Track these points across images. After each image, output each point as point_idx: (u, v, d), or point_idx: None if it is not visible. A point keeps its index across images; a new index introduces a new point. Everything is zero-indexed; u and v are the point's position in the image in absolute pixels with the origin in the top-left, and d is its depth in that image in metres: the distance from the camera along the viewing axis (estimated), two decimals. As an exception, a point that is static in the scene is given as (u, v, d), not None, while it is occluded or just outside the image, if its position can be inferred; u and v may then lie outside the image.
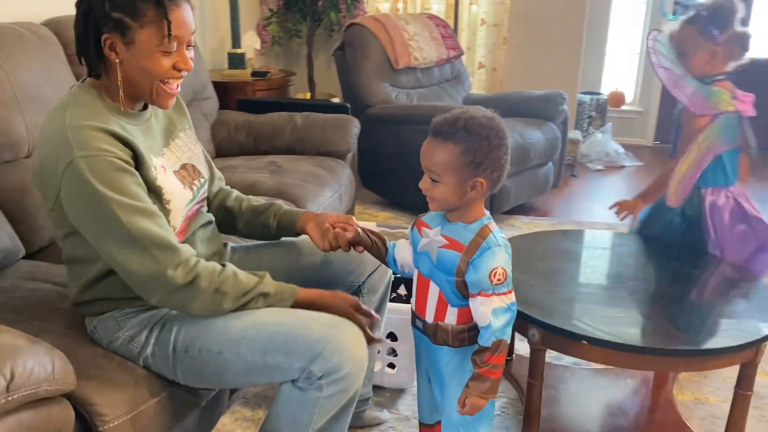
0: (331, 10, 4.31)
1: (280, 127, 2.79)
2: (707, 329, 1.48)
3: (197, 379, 1.33)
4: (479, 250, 1.23)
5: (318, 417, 1.27)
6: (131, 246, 1.19)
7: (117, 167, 1.18)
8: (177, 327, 1.31)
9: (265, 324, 1.28)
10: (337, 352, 1.23)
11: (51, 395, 1.05)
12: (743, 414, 1.55)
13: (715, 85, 1.83)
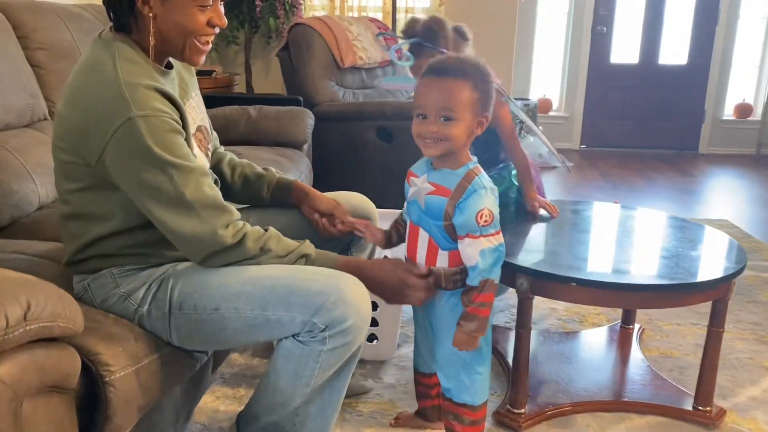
0: (269, 16, 4.32)
1: (233, 120, 2.75)
2: (683, 269, 1.57)
3: (192, 339, 1.28)
4: (465, 194, 1.26)
5: (320, 372, 1.25)
6: (182, 207, 1.16)
7: (171, 128, 1.16)
8: (173, 283, 1.26)
9: (263, 278, 1.25)
10: (341, 303, 1.20)
11: (63, 333, 0.99)
12: (716, 350, 1.65)
13: None
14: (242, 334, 1.27)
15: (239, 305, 1.24)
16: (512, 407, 1.66)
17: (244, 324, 1.25)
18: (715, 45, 5.33)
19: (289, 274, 1.28)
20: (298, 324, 1.22)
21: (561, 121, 5.53)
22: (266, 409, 1.34)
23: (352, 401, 1.74)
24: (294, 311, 1.22)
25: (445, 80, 1.24)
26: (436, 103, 1.24)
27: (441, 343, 1.39)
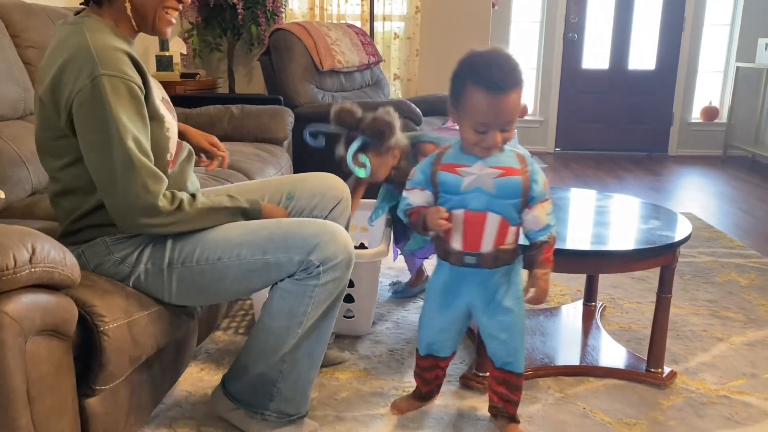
0: (251, 23, 4.45)
1: (217, 117, 2.88)
2: (631, 239, 1.71)
3: (192, 290, 1.40)
4: (529, 167, 1.36)
5: (312, 308, 1.39)
6: (129, 171, 1.25)
7: (133, 94, 1.26)
8: (172, 242, 1.38)
9: (261, 228, 1.40)
10: (332, 242, 1.37)
11: (62, 281, 1.10)
12: (665, 315, 1.78)
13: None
14: (242, 280, 1.40)
15: (241, 252, 1.37)
16: (478, 371, 1.78)
17: (244, 270, 1.38)
18: (682, 50, 5.54)
19: (285, 223, 1.44)
20: (295, 263, 1.37)
21: (536, 125, 5.70)
22: (256, 356, 1.46)
23: (330, 370, 1.85)
24: (291, 252, 1.37)
25: (510, 95, 1.25)
26: (505, 118, 1.28)
27: (504, 321, 1.45)
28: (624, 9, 5.54)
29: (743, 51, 5.44)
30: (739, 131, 5.58)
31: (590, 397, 1.75)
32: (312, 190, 1.72)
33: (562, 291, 2.48)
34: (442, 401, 1.71)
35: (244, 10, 4.36)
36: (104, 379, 1.24)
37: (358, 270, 1.94)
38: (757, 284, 2.60)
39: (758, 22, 5.41)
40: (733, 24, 5.53)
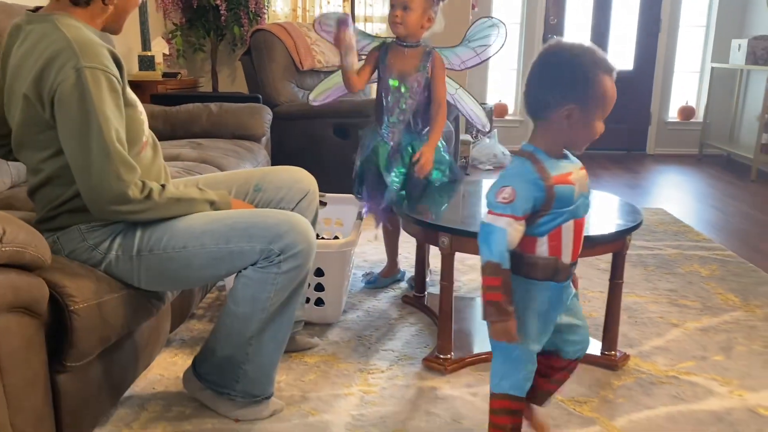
0: (234, 24, 4.53)
1: (196, 115, 2.95)
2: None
3: (160, 277, 1.47)
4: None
5: (275, 294, 1.46)
6: (105, 160, 1.31)
7: (113, 86, 1.33)
8: (141, 231, 1.45)
9: (225, 217, 1.48)
10: (292, 231, 1.45)
11: (33, 261, 1.18)
12: (618, 300, 1.88)
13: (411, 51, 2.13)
14: (207, 268, 1.47)
15: (205, 242, 1.45)
16: (439, 353, 1.87)
17: (209, 258, 1.45)
18: (659, 51, 5.66)
19: (247, 213, 1.52)
20: (257, 252, 1.44)
21: (516, 124, 5.81)
22: (223, 340, 1.54)
23: (299, 355, 1.93)
24: (254, 241, 1.44)
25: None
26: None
27: (576, 305, 1.37)
28: (602, 11, 5.65)
29: (718, 52, 5.57)
30: (715, 130, 5.70)
31: (546, 378, 1.83)
32: (279, 182, 1.79)
33: (529, 281, 2.57)
34: (403, 381, 1.80)
35: (227, 11, 4.44)
36: (75, 357, 1.31)
37: (327, 259, 2.03)
38: (718, 275, 2.69)
39: (732, 23, 5.53)
40: (708, 25, 5.66)
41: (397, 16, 2.06)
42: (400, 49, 2.14)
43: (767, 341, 2.09)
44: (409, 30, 2.09)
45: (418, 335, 2.09)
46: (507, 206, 1.18)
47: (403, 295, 2.38)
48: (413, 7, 2.04)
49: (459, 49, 2.29)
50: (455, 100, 2.39)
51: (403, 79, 2.13)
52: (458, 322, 2.12)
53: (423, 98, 2.16)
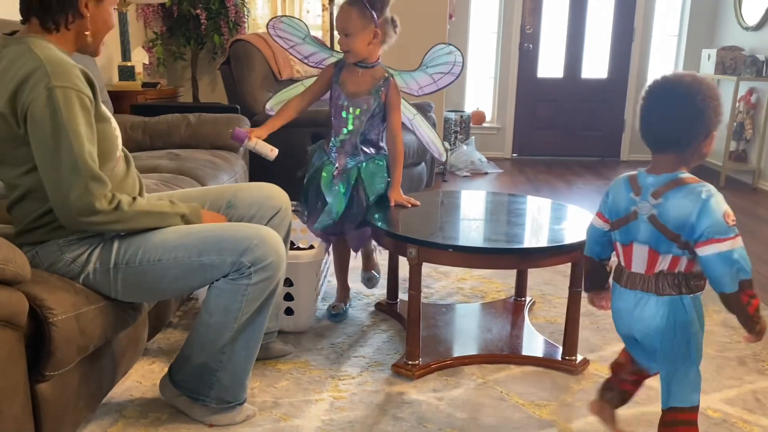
0: (214, 33, 4.59)
1: (175, 125, 3.01)
2: (543, 238, 1.89)
3: (136, 289, 1.54)
4: None
5: (246, 305, 1.54)
6: (75, 174, 1.38)
7: (83, 104, 1.39)
8: (118, 244, 1.52)
9: (197, 231, 1.55)
10: (263, 244, 1.53)
11: (13, 277, 1.24)
12: (577, 308, 1.97)
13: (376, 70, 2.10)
14: (181, 280, 1.54)
15: (178, 255, 1.52)
16: (407, 359, 1.95)
17: (182, 270, 1.52)
18: (632, 60, 5.80)
19: (218, 227, 1.59)
20: (228, 265, 1.52)
21: (494, 131, 5.91)
22: (197, 348, 1.62)
23: (272, 362, 2.00)
24: (225, 255, 1.52)
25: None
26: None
27: None
28: (577, 20, 5.78)
29: (690, 61, 5.71)
30: (687, 137, 5.83)
31: (509, 383, 1.92)
32: (251, 199, 1.86)
33: (498, 288, 2.66)
34: (373, 387, 1.88)
35: (207, 20, 4.50)
36: (53, 366, 1.37)
37: (297, 270, 2.10)
38: (680, 281, 2.80)
39: (702, 34, 5.69)
40: (680, 35, 5.81)
41: (342, 44, 2.05)
42: (355, 68, 2.09)
43: (722, 346, 2.20)
44: (359, 55, 2.04)
45: (389, 341, 2.17)
46: (734, 226, 1.26)
47: (377, 302, 2.46)
48: (352, 32, 2.00)
49: (417, 74, 2.24)
50: (413, 127, 2.36)
51: (354, 99, 2.09)
52: (428, 328, 2.21)
53: (374, 122, 2.12)
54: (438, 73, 2.23)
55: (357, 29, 2.00)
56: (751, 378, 1.98)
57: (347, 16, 1.99)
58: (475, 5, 5.74)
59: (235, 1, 4.56)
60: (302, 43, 2.30)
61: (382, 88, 2.09)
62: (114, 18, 1.52)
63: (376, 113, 2.11)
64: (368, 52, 2.05)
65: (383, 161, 2.17)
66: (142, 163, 2.58)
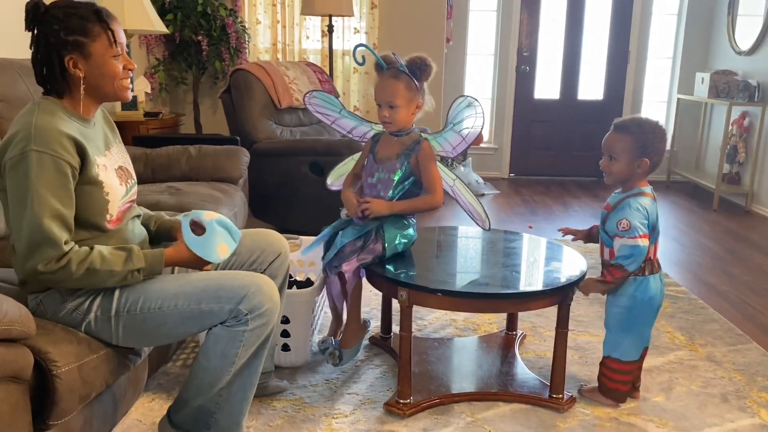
0: (215, 59, 4.67)
1: (175, 158, 3.08)
2: (528, 281, 1.96)
3: (136, 335, 1.61)
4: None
5: (242, 350, 1.61)
6: (29, 233, 1.44)
7: (59, 168, 1.45)
8: (119, 293, 1.59)
9: (197, 280, 1.62)
10: (259, 292, 1.60)
11: (19, 335, 1.31)
12: (563, 348, 2.03)
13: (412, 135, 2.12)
14: (180, 326, 1.61)
15: (178, 302, 1.59)
16: (399, 398, 2.01)
17: (182, 317, 1.60)
18: (627, 82, 5.88)
19: (217, 275, 1.66)
20: (226, 312, 1.59)
21: (491, 152, 5.99)
22: (195, 391, 1.68)
23: (268, 399, 2.07)
24: (222, 302, 1.59)
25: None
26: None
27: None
28: (573, 43, 5.86)
29: (684, 83, 5.79)
30: (682, 159, 5.92)
31: (497, 421, 1.98)
32: (251, 245, 1.93)
33: (490, 320, 2.72)
34: (365, 426, 1.94)
35: (208, 46, 4.59)
36: (57, 415, 1.44)
37: (294, 307, 2.17)
38: (669, 312, 2.86)
39: (696, 57, 5.76)
40: (675, 58, 5.88)
41: (386, 116, 2.04)
42: (391, 138, 2.12)
43: (705, 381, 2.26)
44: (400, 125, 2.06)
45: (382, 377, 2.23)
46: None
47: (371, 336, 2.52)
48: (399, 104, 2.01)
49: (447, 134, 2.19)
50: (455, 193, 2.31)
51: (381, 164, 2.10)
52: (420, 364, 2.27)
53: (404, 188, 2.09)
54: (465, 129, 2.19)
55: (403, 102, 2.02)
56: (732, 416, 2.03)
57: (394, 90, 2.00)
58: (473, 29, 5.83)
59: (236, 28, 4.66)
60: (340, 117, 2.31)
61: (413, 152, 2.08)
62: (119, 61, 1.56)
63: (405, 177, 2.08)
64: (409, 122, 2.09)
65: (409, 222, 2.14)
66: (144, 198, 2.65)
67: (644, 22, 5.79)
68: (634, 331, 2.01)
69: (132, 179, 1.73)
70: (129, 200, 1.70)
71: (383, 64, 2.07)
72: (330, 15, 4.48)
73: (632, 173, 1.94)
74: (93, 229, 1.57)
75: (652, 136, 1.92)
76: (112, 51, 1.55)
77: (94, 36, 1.52)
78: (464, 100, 2.15)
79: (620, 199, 1.96)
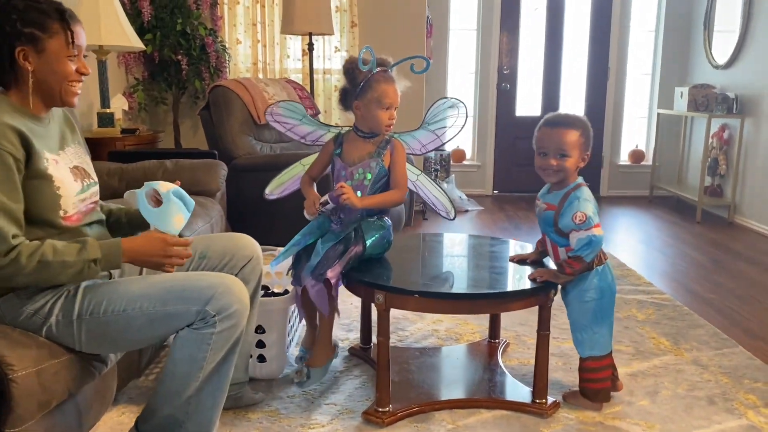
0: (195, 78, 4.66)
1: (151, 172, 3.03)
2: (507, 282, 1.92)
3: (100, 340, 1.54)
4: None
5: (211, 354, 1.55)
6: None
7: (2, 160, 1.40)
8: (81, 296, 1.53)
9: (162, 281, 1.57)
10: (227, 293, 1.55)
11: (-29, 336, 1.25)
12: (545, 351, 1.98)
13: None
14: (146, 329, 1.55)
15: (143, 304, 1.53)
16: (377, 406, 1.95)
17: (147, 320, 1.53)
18: (608, 98, 5.93)
19: (183, 276, 1.60)
20: (192, 314, 1.53)
21: (474, 169, 5.99)
22: (163, 400, 1.61)
23: (242, 411, 2.00)
24: (189, 303, 1.53)
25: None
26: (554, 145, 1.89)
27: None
28: (553, 60, 5.91)
29: (663, 98, 5.84)
30: (665, 173, 5.94)
31: (479, 427, 1.92)
32: (222, 250, 1.88)
33: (473, 329, 2.67)
34: (342, 435, 1.87)
35: (188, 65, 4.57)
36: (13, 422, 1.37)
37: (269, 317, 2.11)
38: (653, 319, 2.83)
39: (675, 71, 5.83)
40: (654, 73, 5.94)
41: (386, 118, 2.02)
42: (359, 139, 2.08)
43: (692, 384, 2.21)
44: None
45: (362, 388, 2.17)
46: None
47: (350, 347, 2.46)
48: (397, 105, 2.04)
49: (418, 132, 2.22)
50: (417, 187, 2.33)
51: (354, 166, 2.05)
52: (401, 373, 2.22)
53: (377, 189, 2.06)
54: (441, 128, 2.19)
55: (397, 102, 2.05)
56: (720, 418, 1.99)
57: (396, 92, 2.03)
58: (453, 46, 5.87)
59: (215, 47, 4.65)
60: (299, 124, 2.28)
61: (385, 150, 2.06)
62: (74, 63, 1.53)
63: (379, 178, 2.05)
64: None
65: (386, 224, 2.10)
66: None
67: (623, 39, 5.86)
68: (607, 320, 1.99)
69: (91, 179, 1.68)
70: (90, 201, 1.65)
71: (387, 66, 2.06)
72: (310, 33, 4.49)
73: (576, 169, 1.92)
74: (47, 226, 1.51)
75: (590, 131, 1.93)
76: (68, 51, 1.51)
77: (51, 33, 1.49)
78: (448, 101, 2.16)
79: (564, 196, 1.91)
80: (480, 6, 5.82)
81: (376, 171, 2.04)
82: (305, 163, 2.31)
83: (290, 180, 2.38)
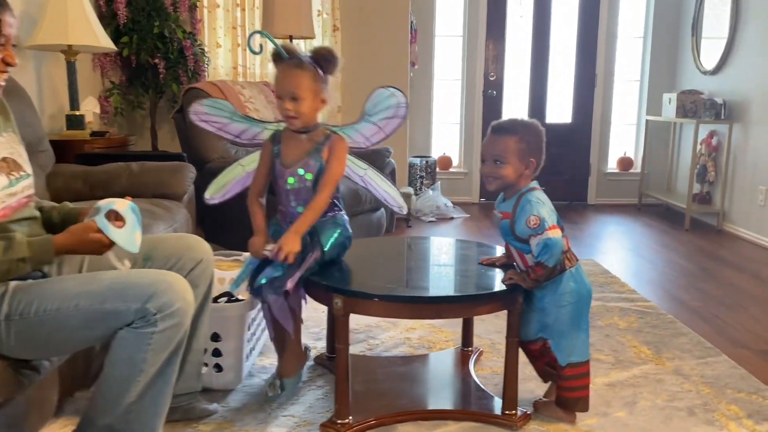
0: (173, 82, 4.55)
1: (115, 174, 2.92)
2: (474, 285, 1.81)
3: (31, 343, 1.43)
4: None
5: (151, 355, 1.44)
6: None
7: None
8: (10, 296, 1.42)
9: (101, 278, 1.46)
10: (169, 290, 1.44)
11: None
12: (515, 357, 1.87)
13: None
14: (81, 329, 1.44)
15: (80, 303, 1.42)
16: (336, 418, 1.83)
17: (83, 319, 1.42)
18: (595, 105, 5.85)
19: (125, 272, 1.50)
20: (132, 312, 1.42)
21: (461, 176, 5.89)
22: (102, 408, 1.50)
23: (194, 423, 1.88)
24: (129, 301, 1.42)
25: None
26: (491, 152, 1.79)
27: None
28: (539, 67, 5.84)
29: (652, 105, 5.77)
30: (653, 180, 5.86)
31: (444, 441, 1.81)
32: (168, 251, 1.77)
33: (447, 337, 2.56)
34: (297, 449, 1.75)
35: (165, 69, 4.47)
36: None
37: (224, 323, 2.00)
38: (635, 327, 2.72)
39: (663, 78, 5.76)
40: (642, 80, 5.88)
41: (289, 109, 1.84)
42: (295, 136, 1.93)
43: (671, 394, 2.10)
44: (306, 121, 1.88)
45: (324, 399, 2.05)
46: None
47: (315, 356, 2.35)
48: (303, 96, 1.84)
49: (360, 125, 2.04)
50: (366, 183, 2.21)
51: (293, 167, 1.92)
52: (366, 382, 2.10)
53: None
54: (383, 120, 2.05)
55: (308, 94, 1.84)
56: (699, 430, 1.88)
57: (298, 81, 1.83)
58: (439, 53, 5.80)
59: (194, 51, 4.56)
60: (230, 122, 2.09)
61: (323, 146, 1.92)
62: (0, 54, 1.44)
63: (321, 175, 1.91)
64: (315, 117, 1.92)
65: (341, 220, 1.99)
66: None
67: (610, 45, 5.80)
68: (584, 324, 1.87)
69: (22, 172, 1.57)
70: (22, 196, 1.55)
71: (283, 54, 1.88)
72: (290, 36, 4.40)
73: (520, 175, 1.81)
74: None
75: (536, 136, 1.81)
76: None
77: None
78: (385, 90, 2.00)
79: (516, 202, 1.80)
80: (466, 12, 5.75)
81: (316, 170, 1.90)
82: (244, 164, 2.17)
83: (232, 182, 2.20)
